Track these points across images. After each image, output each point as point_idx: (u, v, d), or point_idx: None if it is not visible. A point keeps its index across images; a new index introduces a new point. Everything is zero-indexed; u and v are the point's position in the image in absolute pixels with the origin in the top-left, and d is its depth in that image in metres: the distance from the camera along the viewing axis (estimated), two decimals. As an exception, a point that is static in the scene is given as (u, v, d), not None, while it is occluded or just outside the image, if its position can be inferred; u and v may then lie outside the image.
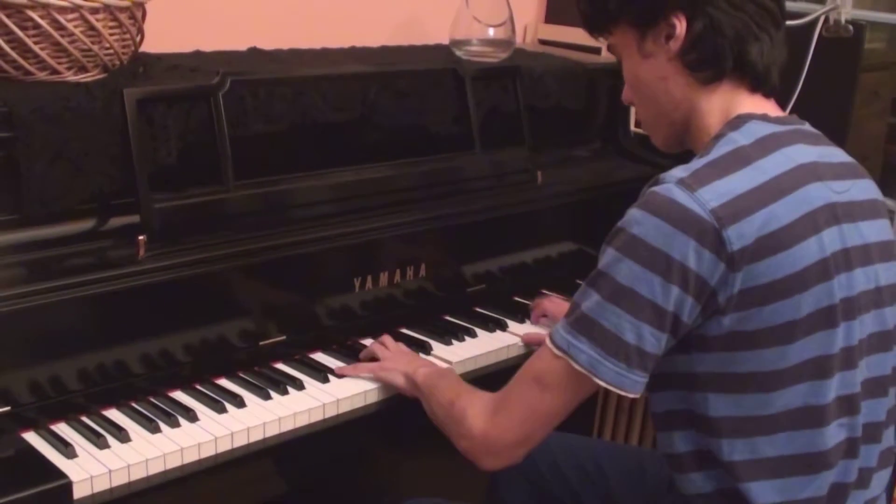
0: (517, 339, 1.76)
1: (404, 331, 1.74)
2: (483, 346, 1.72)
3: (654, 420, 1.29)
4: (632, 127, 2.32)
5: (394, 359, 1.56)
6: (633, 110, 2.34)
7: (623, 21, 1.30)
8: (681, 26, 1.24)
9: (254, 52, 1.92)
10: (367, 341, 1.69)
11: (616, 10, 1.29)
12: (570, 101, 2.14)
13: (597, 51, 2.50)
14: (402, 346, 1.62)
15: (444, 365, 1.61)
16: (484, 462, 1.31)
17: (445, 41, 2.09)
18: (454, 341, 1.72)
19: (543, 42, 2.62)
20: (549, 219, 2.02)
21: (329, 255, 1.64)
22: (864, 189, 1.28)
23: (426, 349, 1.67)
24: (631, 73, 1.33)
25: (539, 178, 1.97)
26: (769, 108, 1.29)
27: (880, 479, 1.30)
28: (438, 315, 1.81)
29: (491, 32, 2.05)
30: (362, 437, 1.54)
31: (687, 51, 1.25)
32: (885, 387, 1.29)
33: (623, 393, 1.17)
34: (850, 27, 2.11)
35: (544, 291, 1.92)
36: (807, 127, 1.30)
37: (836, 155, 1.29)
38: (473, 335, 1.75)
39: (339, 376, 1.56)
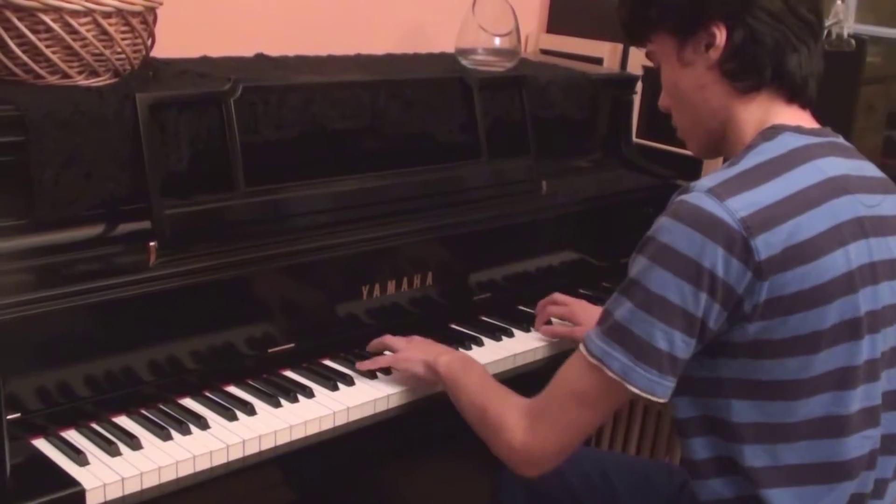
0: (523, 348, 1.76)
1: (411, 339, 1.74)
2: (489, 354, 1.72)
3: (677, 425, 1.29)
4: (634, 137, 2.33)
5: (411, 347, 1.57)
6: (635, 120, 2.35)
7: (663, 29, 1.30)
8: (721, 36, 1.24)
9: (260, 57, 1.91)
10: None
11: (657, 18, 1.30)
12: (573, 111, 2.14)
13: (599, 61, 2.51)
14: (416, 337, 1.62)
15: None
16: (524, 471, 1.33)
17: (451, 50, 2.09)
18: (460, 350, 1.71)
19: (545, 52, 2.63)
20: (553, 228, 2.02)
21: (338, 263, 1.63)
22: None
23: (433, 358, 1.66)
24: (669, 80, 1.33)
25: (544, 188, 1.98)
26: (804, 119, 1.29)
27: (893, 490, 1.31)
28: (444, 323, 1.81)
29: (497, 42, 2.05)
30: (372, 446, 1.53)
31: (726, 60, 1.25)
32: None
33: (654, 399, 1.19)
34: (853, 41, 2.12)
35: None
36: (840, 140, 1.31)
37: (868, 169, 1.29)
38: (480, 343, 1.75)
39: (356, 373, 1.57)
